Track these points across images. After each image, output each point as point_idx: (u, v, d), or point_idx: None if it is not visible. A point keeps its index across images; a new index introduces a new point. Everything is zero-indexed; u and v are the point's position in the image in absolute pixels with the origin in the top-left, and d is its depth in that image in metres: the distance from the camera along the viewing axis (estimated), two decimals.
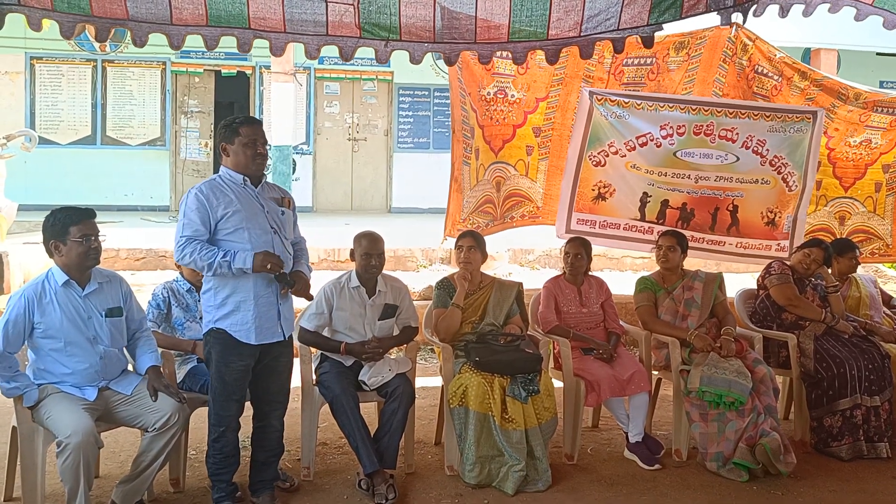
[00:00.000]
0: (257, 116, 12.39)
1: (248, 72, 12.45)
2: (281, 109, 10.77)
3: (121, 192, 11.94)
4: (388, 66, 12.39)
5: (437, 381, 5.23)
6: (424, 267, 8.39)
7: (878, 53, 12.71)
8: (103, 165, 11.91)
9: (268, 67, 11.76)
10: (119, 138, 12.09)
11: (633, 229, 5.63)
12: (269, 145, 10.20)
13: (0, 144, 6.68)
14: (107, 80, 11.97)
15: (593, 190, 5.59)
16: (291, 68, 10.63)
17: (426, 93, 13.03)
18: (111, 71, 11.98)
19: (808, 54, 11.55)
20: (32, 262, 7.09)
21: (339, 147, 12.99)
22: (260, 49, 4.52)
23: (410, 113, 13.11)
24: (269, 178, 6.14)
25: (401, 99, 13.04)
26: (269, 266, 3.44)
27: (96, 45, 11.66)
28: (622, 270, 8.55)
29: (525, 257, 8.72)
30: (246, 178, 3.55)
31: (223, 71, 12.37)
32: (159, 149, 12.27)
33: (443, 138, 13.00)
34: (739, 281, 6.28)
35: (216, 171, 12.62)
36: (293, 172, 11.38)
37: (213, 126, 12.64)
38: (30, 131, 7.63)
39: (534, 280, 6.69)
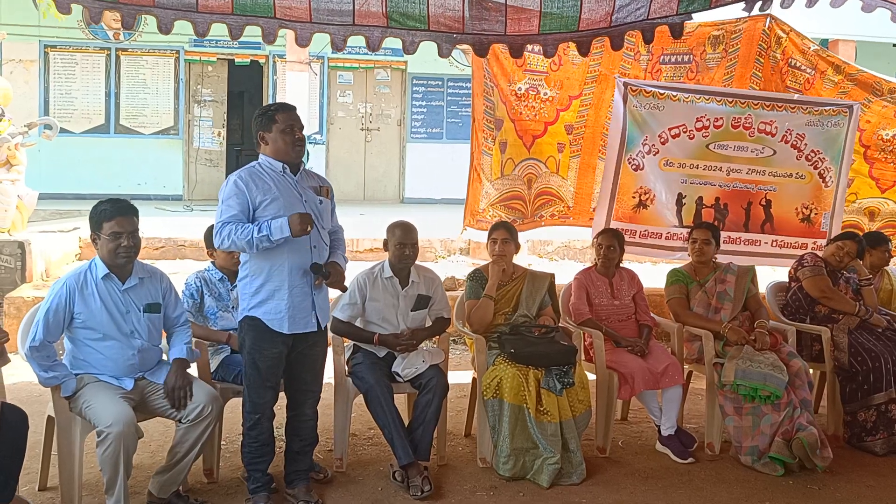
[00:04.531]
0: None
1: (262, 61, 12.38)
2: (295, 99, 10.72)
3: (134, 181, 11.88)
4: (402, 56, 12.29)
5: (466, 373, 5.21)
6: (443, 258, 8.36)
7: (894, 45, 12.61)
8: (116, 154, 11.86)
9: (281, 57, 11.70)
10: (132, 127, 12.04)
11: (675, 237, 5.58)
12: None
13: (21, 132, 6.63)
14: (120, 69, 11.91)
15: (633, 197, 5.50)
16: (307, 57, 10.58)
17: (440, 83, 12.96)
18: (125, 59, 11.92)
19: (825, 45, 11.47)
20: (52, 250, 7.07)
21: (353, 137, 12.93)
22: None
23: (424, 103, 13.05)
24: None
25: (414, 89, 12.97)
26: (308, 228, 3.37)
27: (110, 33, 11.60)
28: (641, 262, 8.49)
29: (544, 249, 8.68)
30: (285, 165, 3.50)
31: (237, 60, 12.31)
32: (172, 138, 12.22)
33: (456, 129, 12.94)
34: (770, 274, 6.23)
35: (229, 160, 12.49)
36: (307, 162, 11.33)
37: (226, 115, 12.60)
38: (51, 119, 7.58)
39: (553, 272, 6.66)
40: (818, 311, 4.88)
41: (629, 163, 5.43)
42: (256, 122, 3.54)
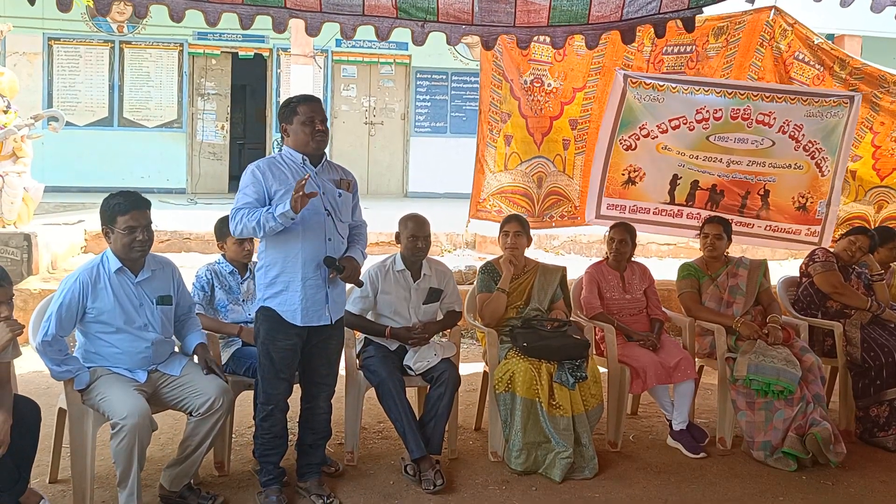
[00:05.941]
0: (274, 99, 12.32)
1: (266, 54, 12.33)
2: (299, 92, 10.66)
3: (137, 174, 11.84)
4: (406, 50, 12.30)
5: (475, 367, 5.19)
6: (449, 251, 8.33)
7: None
8: (120, 147, 11.81)
9: (285, 50, 11.65)
10: (136, 120, 12.00)
11: (663, 213, 5.65)
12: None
13: (27, 124, 6.60)
14: (124, 62, 11.86)
15: (623, 174, 5.57)
16: (311, 50, 10.53)
17: (444, 77, 12.91)
18: (128, 52, 11.88)
19: (831, 41, 11.41)
20: (58, 242, 7.05)
21: (356, 131, 12.89)
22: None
23: (428, 97, 12.99)
24: None
25: (418, 83, 12.92)
26: (306, 192, 3.24)
27: (114, 26, 11.57)
28: (647, 257, 8.47)
29: (550, 243, 8.66)
30: (305, 157, 3.49)
31: (240, 53, 12.25)
32: (176, 131, 12.17)
33: (460, 123, 12.91)
34: (781, 268, 6.22)
35: (232, 153, 12.36)
36: None
37: (229, 108, 12.55)
38: (57, 111, 7.54)
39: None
40: (830, 306, 4.85)
41: (620, 143, 5.48)
42: (280, 114, 3.57)
